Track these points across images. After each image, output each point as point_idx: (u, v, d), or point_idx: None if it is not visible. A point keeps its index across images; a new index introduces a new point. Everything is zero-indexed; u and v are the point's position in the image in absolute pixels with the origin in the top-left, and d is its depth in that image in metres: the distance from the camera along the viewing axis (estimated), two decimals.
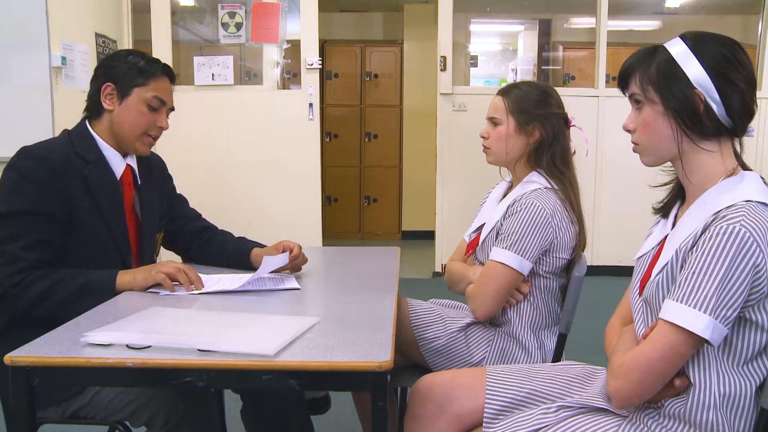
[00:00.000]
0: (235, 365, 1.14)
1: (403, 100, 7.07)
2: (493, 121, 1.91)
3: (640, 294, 1.32)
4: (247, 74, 6.02)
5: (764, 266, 1.11)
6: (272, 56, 5.33)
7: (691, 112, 1.22)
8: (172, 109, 1.87)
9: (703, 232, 1.17)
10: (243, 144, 5.01)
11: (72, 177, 1.69)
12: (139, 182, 1.88)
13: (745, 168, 1.27)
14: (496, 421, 1.40)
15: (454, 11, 5.11)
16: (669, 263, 1.24)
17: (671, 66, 1.23)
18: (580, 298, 1.83)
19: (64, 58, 4.14)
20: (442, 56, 5.07)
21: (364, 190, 7.20)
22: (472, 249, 1.98)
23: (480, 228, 1.98)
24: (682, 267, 1.20)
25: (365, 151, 7.15)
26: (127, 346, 1.19)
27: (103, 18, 4.79)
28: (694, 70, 1.22)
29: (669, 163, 1.34)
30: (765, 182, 1.26)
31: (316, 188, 5.06)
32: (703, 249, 1.14)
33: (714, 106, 1.21)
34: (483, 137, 1.94)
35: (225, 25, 5.06)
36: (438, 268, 5.32)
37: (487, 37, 8.25)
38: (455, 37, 5.19)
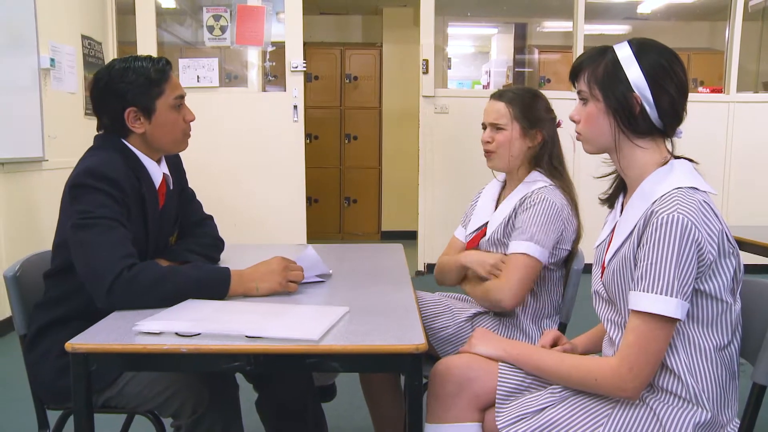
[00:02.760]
0: (283, 350, 1.23)
1: (383, 102, 7.16)
2: (496, 127, 2.00)
3: (601, 278, 1.47)
4: (228, 76, 6.06)
5: (703, 241, 1.27)
6: (254, 59, 5.39)
7: (628, 112, 1.38)
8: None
9: (648, 220, 1.31)
10: (228, 145, 5.05)
11: (133, 198, 1.68)
12: (171, 188, 1.88)
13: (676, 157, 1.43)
14: (507, 402, 1.50)
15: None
16: (621, 249, 1.39)
17: (616, 68, 1.39)
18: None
19: (53, 60, 4.14)
20: (424, 59, 5.15)
21: (344, 191, 7.28)
22: (474, 246, 2.07)
23: (481, 227, 2.07)
24: (636, 255, 1.34)
25: (345, 152, 7.23)
26: (176, 333, 1.27)
27: (88, 20, 4.79)
28: (634, 74, 1.37)
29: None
30: (695, 164, 1.41)
31: (300, 189, 5.11)
32: (652, 241, 1.28)
33: (648, 109, 1.37)
34: (487, 142, 2.02)
35: (210, 28, 5.10)
36: (421, 267, 5.41)
37: (461, 39, 8.39)
38: (434, 40, 5.28)
